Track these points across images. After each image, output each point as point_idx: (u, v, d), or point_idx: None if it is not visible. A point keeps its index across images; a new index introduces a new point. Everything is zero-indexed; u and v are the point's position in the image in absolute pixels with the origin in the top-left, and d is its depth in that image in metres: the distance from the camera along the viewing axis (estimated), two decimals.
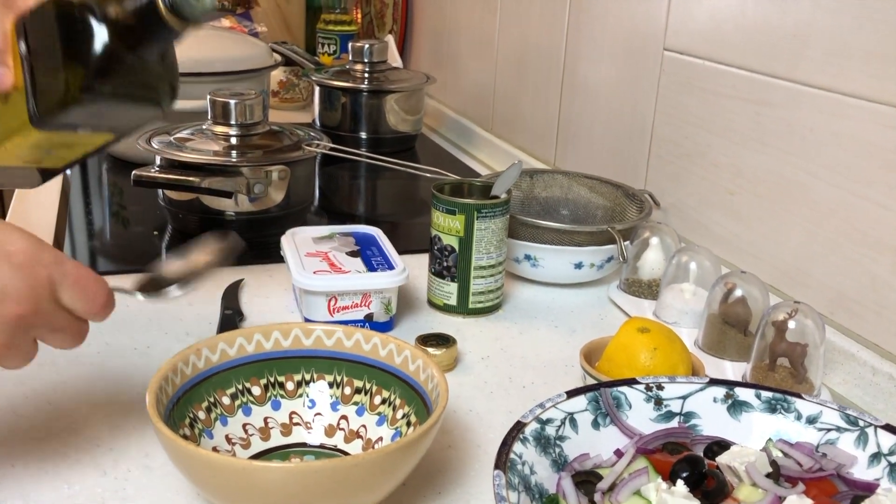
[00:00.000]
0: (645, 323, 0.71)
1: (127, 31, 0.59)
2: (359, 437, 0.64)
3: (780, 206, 0.85)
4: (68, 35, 0.59)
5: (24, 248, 0.50)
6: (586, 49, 1.18)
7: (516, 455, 0.51)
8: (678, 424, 0.59)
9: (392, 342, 0.64)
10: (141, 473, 0.61)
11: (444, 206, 0.85)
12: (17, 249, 0.50)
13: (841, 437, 0.57)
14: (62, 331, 0.53)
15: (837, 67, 0.77)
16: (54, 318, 0.52)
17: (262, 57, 1.31)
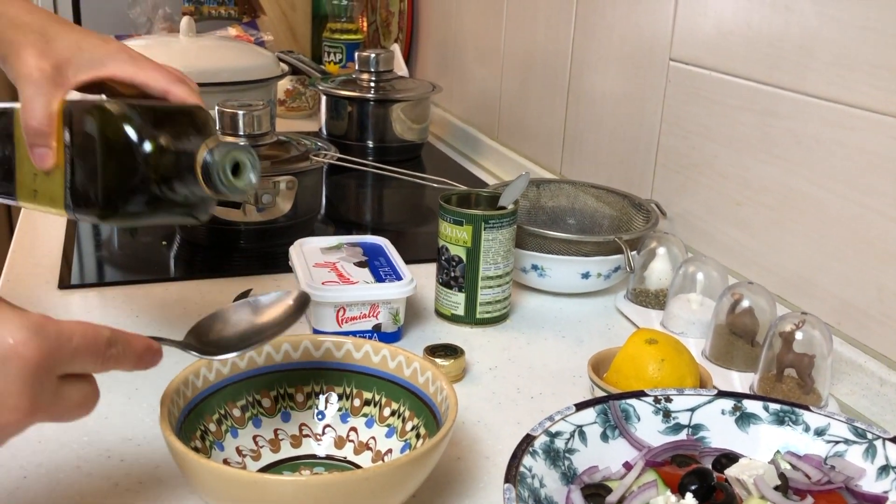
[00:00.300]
0: (653, 334, 0.72)
1: (163, 167, 0.60)
2: (368, 448, 0.64)
3: (787, 216, 0.85)
4: (106, 149, 0.60)
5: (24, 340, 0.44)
6: (592, 58, 1.19)
7: (526, 468, 0.51)
8: (687, 437, 0.59)
9: (401, 354, 0.64)
10: (153, 485, 0.61)
11: (452, 217, 0.85)
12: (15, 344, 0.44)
13: (849, 450, 0.57)
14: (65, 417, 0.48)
15: (843, 79, 0.78)
16: (56, 410, 0.47)
17: (269, 67, 1.32)
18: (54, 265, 0.98)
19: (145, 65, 0.66)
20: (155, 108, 0.63)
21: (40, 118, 0.62)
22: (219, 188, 0.58)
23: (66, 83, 0.64)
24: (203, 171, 0.58)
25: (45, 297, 0.90)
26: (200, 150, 0.58)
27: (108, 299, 0.90)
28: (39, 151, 0.64)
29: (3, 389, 0.43)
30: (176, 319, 0.86)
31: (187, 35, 1.31)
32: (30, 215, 1.13)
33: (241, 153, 0.59)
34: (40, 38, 0.63)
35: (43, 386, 0.45)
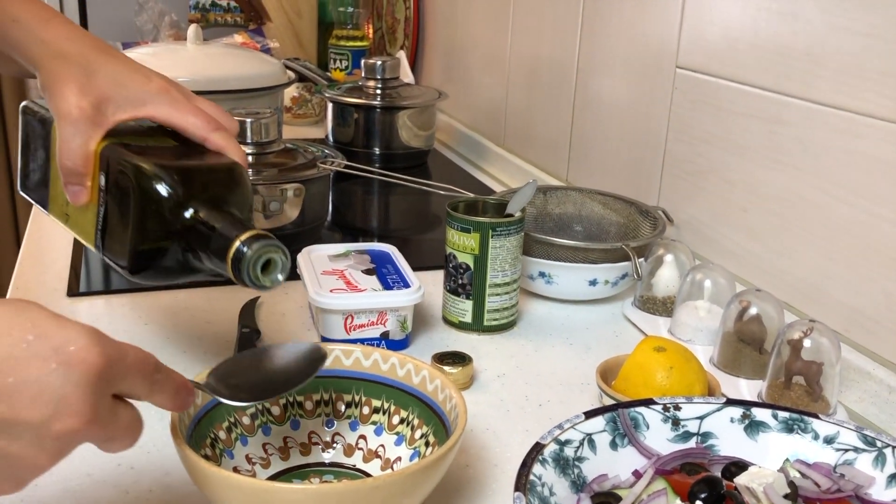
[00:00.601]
0: (661, 342, 0.72)
1: (193, 240, 0.60)
2: (377, 456, 0.64)
3: (795, 223, 0.85)
4: (139, 211, 0.60)
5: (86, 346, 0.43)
6: (598, 65, 1.19)
7: (536, 476, 0.51)
8: (696, 445, 0.59)
9: (410, 362, 0.65)
10: (162, 492, 0.61)
11: (459, 225, 0.85)
12: (78, 349, 0.43)
13: (859, 458, 0.57)
14: (116, 440, 0.46)
15: (851, 86, 0.78)
16: (111, 428, 0.45)
17: (276, 74, 1.32)
18: (62, 272, 0.98)
19: (185, 108, 0.65)
20: (192, 171, 0.62)
21: (75, 159, 0.62)
22: (244, 279, 0.58)
23: (105, 122, 0.63)
24: (233, 260, 0.58)
25: (53, 305, 0.90)
26: (235, 240, 0.58)
27: (115, 307, 0.90)
28: (73, 189, 0.64)
29: (67, 393, 0.42)
30: (183, 327, 0.86)
31: (195, 43, 1.32)
32: (37, 223, 1.14)
33: (274, 253, 0.58)
34: (82, 73, 0.63)
35: (102, 396, 0.44)
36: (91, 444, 0.46)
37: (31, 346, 0.42)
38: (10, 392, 0.41)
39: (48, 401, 0.42)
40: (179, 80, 0.68)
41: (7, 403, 0.41)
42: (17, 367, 0.41)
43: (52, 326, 0.43)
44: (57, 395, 0.42)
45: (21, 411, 0.41)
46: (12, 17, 0.65)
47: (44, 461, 0.43)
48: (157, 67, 0.69)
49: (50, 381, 0.42)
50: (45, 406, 0.42)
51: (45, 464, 0.43)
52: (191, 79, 1.21)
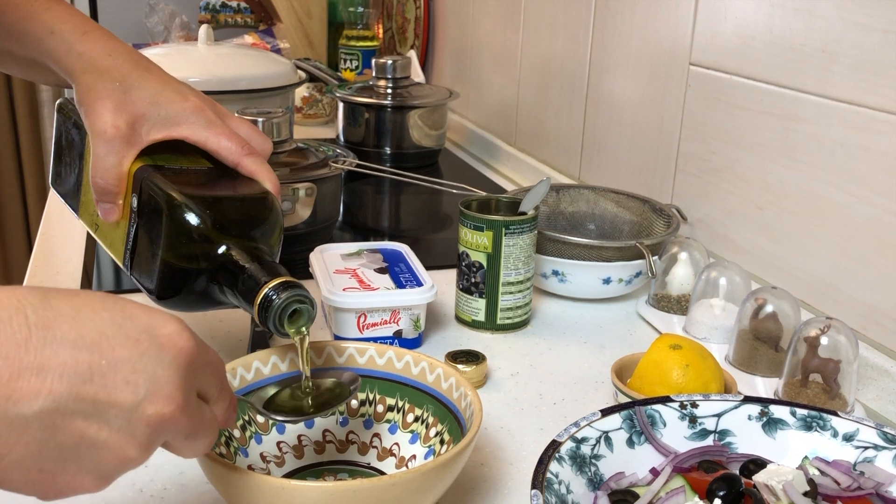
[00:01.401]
0: (676, 339, 0.71)
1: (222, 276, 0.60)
2: (392, 455, 0.64)
3: (811, 220, 0.85)
4: (170, 241, 0.60)
5: (177, 331, 0.42)
6: (611, 63, 1.18)
7: (553, 474, 0.51)
8: (713, 443, 0.59)
9: (424, 360, 0.64)
10: (177, 491, 0.61)
11: (472, 223, 0.85)
12: (170, 333, 0.42)
13: (879, 456, 0.56)
14: (199, 436, 0.45)
15: (867, 82, 0.77)
16: (197, 420, 0.44)
17: (287, 74, 1.32)
18: (75, 273, 0.98)
19: (219, 131, 0.64)
20: (224, 203, 0.62)
21: (108, 178, 0.62)
22: (269, 326, 0.58)
23: (139, 142, 0.63)
24: (261, 306, 0.58)
25: None
26: (264, 286, 0.58)
27: None
28: (105, 206, 0.64)
29: (160, 377, 0.40)
30: (196, 326, 0.86)
31: (206, 43, 1.32)
32: (49, 223, 1.14)
33: (301, 303, 0.58)
34: (118, 89, 0.62)
35: (192, 384, 0.43)
36: (172, 444, 0.44)
37: (121, 327, 0.40)
38: (103, 371, 0.39)
39: (141, 382, 0.40)
40: (191, 80, 0.67)
41: (100, 384, 0.39)
42: (108, 346, 0.40)
43: (141, 311, 0.42)
44: (150, 376, 0.40)
45: (113, 392, 0.39)
46: (49, 29, 0.65)
47: (133, 452, 0.40)
48: (169, 68, 0.69)
49: (143, 361, 0.40)
50: (137, 387, 0.40)
51: (134, 456, 0.41)
52: (202, 79, 1.21)
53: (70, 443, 0.39)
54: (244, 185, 0.65)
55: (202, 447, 0.45)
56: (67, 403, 0.38)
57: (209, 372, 0.45)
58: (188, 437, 0.44)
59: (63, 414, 0.38)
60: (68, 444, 0.39)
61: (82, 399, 0.38)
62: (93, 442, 0.39)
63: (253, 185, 0.65)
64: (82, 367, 0.39)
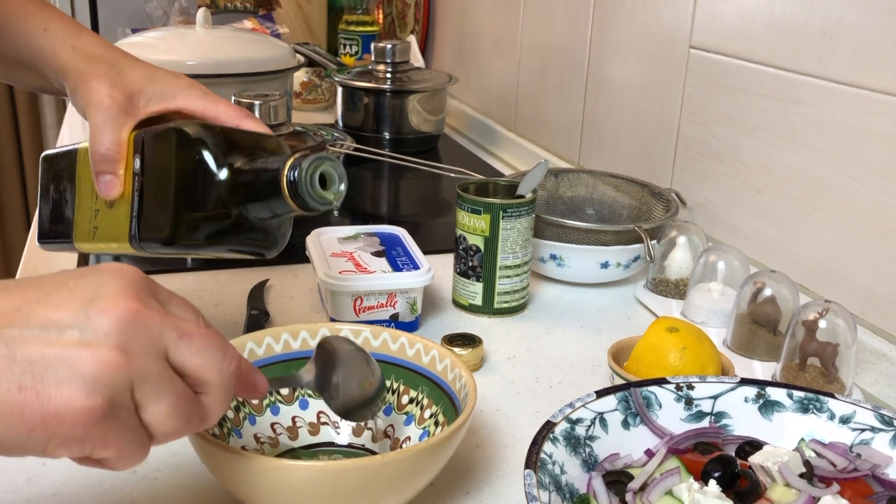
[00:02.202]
0: (674, 322, 0.71)
1: (242, 189, 0.58)
2: (386, 436, 0.64)
3: (810, 204, 0.84)
4: (182, 172, 0.59)
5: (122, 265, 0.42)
6: (611, 47, 1.18)
7: (546, 455, 0.51)
8: (709, 424, 0.58)
9: (419, 342, 0.64)
10: (170, 472, 0.61)
11: (470, 206, 0.85)
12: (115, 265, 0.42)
13: (875, 438, 0.56)
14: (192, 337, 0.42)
15: (868, 64, 0.76)
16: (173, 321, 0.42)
17: (285, 58, 1.31)
18: (71, 256, 0.98)
19: (216, 99, 0.65)
20: (231, 131, 0.62)
21: (108, 144, 0.62)
22: (308, 203, 0.56)
23: (137, 113, 0.63)
24: (290, 188, 0.56)
25: None
26: (284, 167, 0.56)
27: None
28: (106, 179, 0.63)
29: (104, 282, 0.41)
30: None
31: (203, 26, 1.31)
32: None
33: (326, 164, 0.57)
34: (112, 70, 0.63)
35: (145, 292, 0.42)
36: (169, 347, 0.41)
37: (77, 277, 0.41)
38: (49, 293, 0.40)
39: (82, 293, 0.40)
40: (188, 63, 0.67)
41: (45, 303, 0.40)
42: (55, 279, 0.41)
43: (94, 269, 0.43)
44: (93, 285, 0.40)
45: (60, 304, 0.39)
46: (43, 27, 0.66)
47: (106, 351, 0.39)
48: (166, 51, 0.69)
49: (86, 277, 0.41)
50: (86, 292, 0.40)
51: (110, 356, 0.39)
52: (199, 62, 1.20)
53: (36, 356, 0.38)
54: None
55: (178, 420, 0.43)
56: (18, 321, 0.39)
57: (173, 299, 0.44)
58: (181, 337, 0.42)
59: (20, 329, 0.39)
60: (36, 358, 0.38)
61: (32, 319, 0.39)
62: (59, 353, 0.39)
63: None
64: (29, 296, 0.40)
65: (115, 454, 0.41)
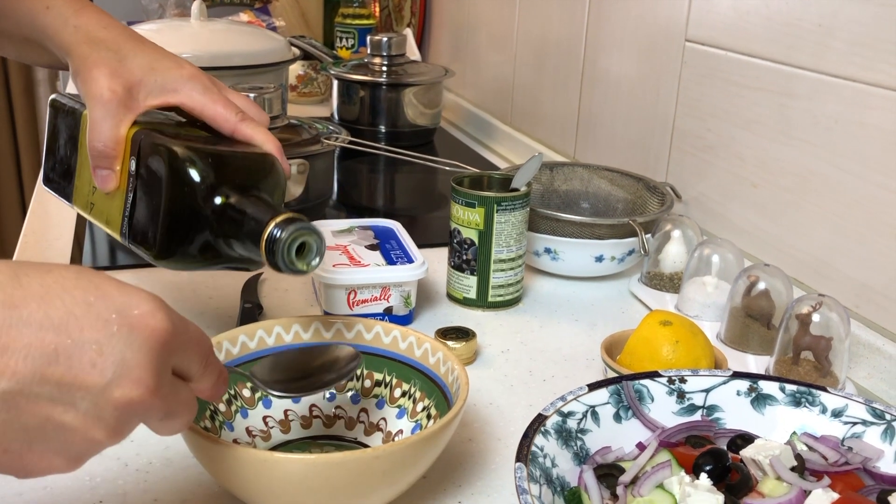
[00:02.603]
0: (667, 316, 0.71)
1: (226, 226, 0.59)
2: (379, 429, 0.64)
3: (805, 198, 0.84)
4: (171, 196, 0.59)
5: (151, 311, 0.41)
6: (607, 41, 1.17)
7: (538, 448, 0.51)
8: (701, 418, 0.58)
9: (412, 335, 0.64)
10: (162, 465, 0.61)
11: (464, 199, 0.84)
12: (142, 314, 0.41)
13: (867, 431, 0.56)
14: (174, 416, 0.44)
15: (863, 57, 0.76)
16: (171, 401, 0.43)
17: (280, 51, 1.31)
18: (66, 248, 0.98)
19: (215, 98, 0.64)
20: (225, 156, 0.61)
21: (106, 141, 0.61)
22: (279, 265, 0.57)
23: (137, 107, 0.62)
24: (267, 245, 0.56)
25: None
26: (269, 224, 0.57)
27: None
28: (102, 173, 0.63)
29: (129, 360, 0.39)
30: (186, 302, 0.86)
31: (198, 19, 1.30)
32: (42, 197, 1.13)
33: (308, 236, 0.57)
34: (114, 57, 0.62)
35: (165, 366, 0.42)
36: (147, 424, 0.43)
37: (92, 306, 0.39)
38: (69, 353, 0.38)
39: (109, 365, 0.39)
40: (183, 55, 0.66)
41: (65, 365, 0.38)
42: (76, 327, 0.38)
43: (115, 290, 0.41)
44: (118, 359, 0.39)
45: (79, 374, 0.38)
46: (45, 4, 0.65)
47: (101, 435, 0.40)
48: (161, 43, 0.68)
49: (112, 344, 0.39)
50: (105, 370, 0.39)
51: (102, 439, 0.40)
52: (194, 55, 1.20)
53: (35, 424, 0.38)
54: (243, 148, 0.65)
55: (178, 426, 0.45)
56: (31, 385, 0.37)
57: (190, 350, 0.44)
58: (164, 419, 0.43)
59: (27, 396, 0.37)
60: (33, 426, 0.38)
61: (46, 381, 0.38)
62: (59, 424, 0.39)
63: (252, 148, 0.65)
64: (48, 348, 0.38)
65: None
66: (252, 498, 0.52)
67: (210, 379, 0.46)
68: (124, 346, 0.39)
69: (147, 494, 0.58)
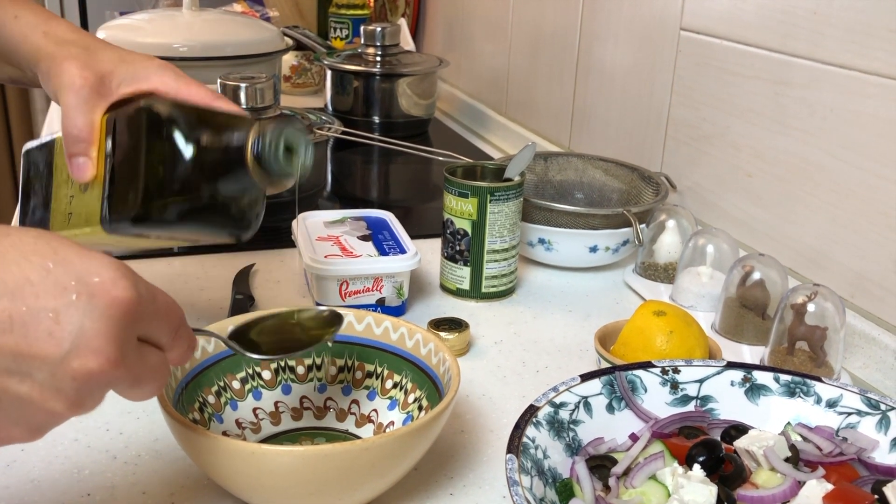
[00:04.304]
0: (661, 306, 0.70)
1: (210, 166, 0.58)
2: (370, 421, 0.63)
3: (800, 187, 0.84)
4: (151, 149, 0.58)
5: (113, 279, 0.39)
6: (601, 30, 1.17)
7: (529, 439, 0.50)
8: (695, 408, 0.58)
9: (403, 325, 0.63)
10: (151, 458, 0.60)
11: (457, 190, 0.84)
12: (103, 281, 0.39)
13: (862, 421, 0.55)
14: (142, 383, 0.42)
15: (859, 45, 0.75)
16: (138, 369, 0.41)
17: (273, 41, 1.30)
18: None
19: (189, 81, 0.64)
20: (202, 109, 0.61)
21: (81, 125, 0.60)
22: (272, 171, 0.56)
23: (109, 94, 0.62)
24: (254, 156, 0.56)
25: None
26: (250, 137, 0.56)
27: None
28: (78, 161, 0.61)
29: (88, 329, 0.38)
30: (177, 293, 0.85)
31: (190, 9, 1.29)
32: None
33: (292, 133, 0.56)
34: (84, 52, 0.62)
35: (128, 336, 0.40)
36: (116, 392, 0.41)
37: (50, 273, 0.38)
38: (24, 321, 0.37)
39: (66, 335, 0.37)
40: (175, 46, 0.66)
41: (20, 334, 0.37)
42: (32, 293, 0.37)
43: (76, 255, 0.39)
44: (76, 328, 0.37)
45: (34, 344, 0.37)
46: (13, 14, 0.65)
47: (60, 406, 0.38)
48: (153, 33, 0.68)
49: (69, 312, 0.37)
50: (62, 340, 0.37)
51: (62, 410, 0.38)
52: (186, 45, 1.19)
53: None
54: None
55: (149, 393, 0.43)
56: None
57: (158, 320, 0.43)
58: (131, 386, 0.41)
59: None
60: None
61: (1, 351, 0.37)
62: (15, 395, 0.38)
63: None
64: (2, 315, 0.37)
65: None
66: (241, 490, 0.52)
67: (179, 350, 0.45)
68: (83, 314, 0.38)
69: (135, 487, 0.57)
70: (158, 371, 0.43)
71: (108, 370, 0.39)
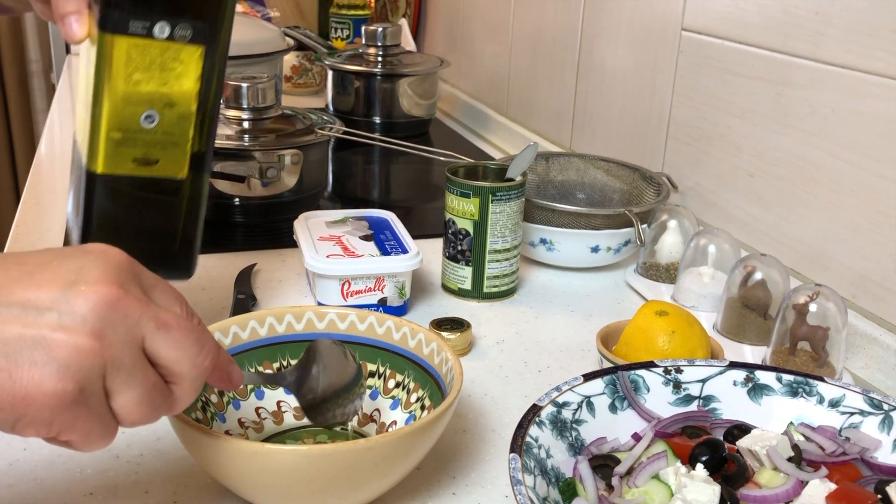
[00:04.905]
0: (663, 306, 0.70)
1: None
2: (372, 420, 0.63)
3: (801, 187, 0.84)
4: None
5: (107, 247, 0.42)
6: (602, 30, 1.17)
7: (532, 438, 0.50)
8: (697, 408, 0.58)
9: (405, 325, 0.63)
10: (153, 457, 0.60)
11: (459, 190, 0.84)
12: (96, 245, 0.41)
13: (864, 421, 0.55)
14: (170, 327, 0.42)
15: (860, 45, 0.75)
16: (154, 311, 0.41)
17: (274, 41, 1.30)
18: (58, 238, 0.97)
19: None
20: None
21: None
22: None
23: None
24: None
25: None
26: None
27: None
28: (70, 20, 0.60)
29: (87, 265, 0.40)
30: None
31: None
32: (35, 187, 1.12)
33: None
34: None
35: (128, 277, 0.41)
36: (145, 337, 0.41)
37: (55, 251, 0.41)
38: (31, 272, 0.39)
39: (71, 271, 0.40)
40: None
41: (27, 283, 0.39)
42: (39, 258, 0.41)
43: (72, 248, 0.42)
44: (77, 267, 0.40)
45: (42, 285, 0.39)
46: None
47: (82, 337, 0.38)
48: None
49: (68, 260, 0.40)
50: (67, 275, 0.39)
51: (85, 343, 0.38)
52: None
53: (12, 336, 0.38)
54: None
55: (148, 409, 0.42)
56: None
57: (159, 284, 0.43)
58: (159, 328, 0.41)
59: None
60: (11, 338, 0.38)
61: (11, 298, 0.38)
62: (36, 335, 0.38)
63: None
64: (12, 273, 0.39)
65: (80, 438, 0.40)
66: (244, 490, 0.52)
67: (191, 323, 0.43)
68: (81, 258, 0.41)
69: (138, 486, 0.57)
70: (175, 301, 0.43)
71: (120, 295, 0.40)
